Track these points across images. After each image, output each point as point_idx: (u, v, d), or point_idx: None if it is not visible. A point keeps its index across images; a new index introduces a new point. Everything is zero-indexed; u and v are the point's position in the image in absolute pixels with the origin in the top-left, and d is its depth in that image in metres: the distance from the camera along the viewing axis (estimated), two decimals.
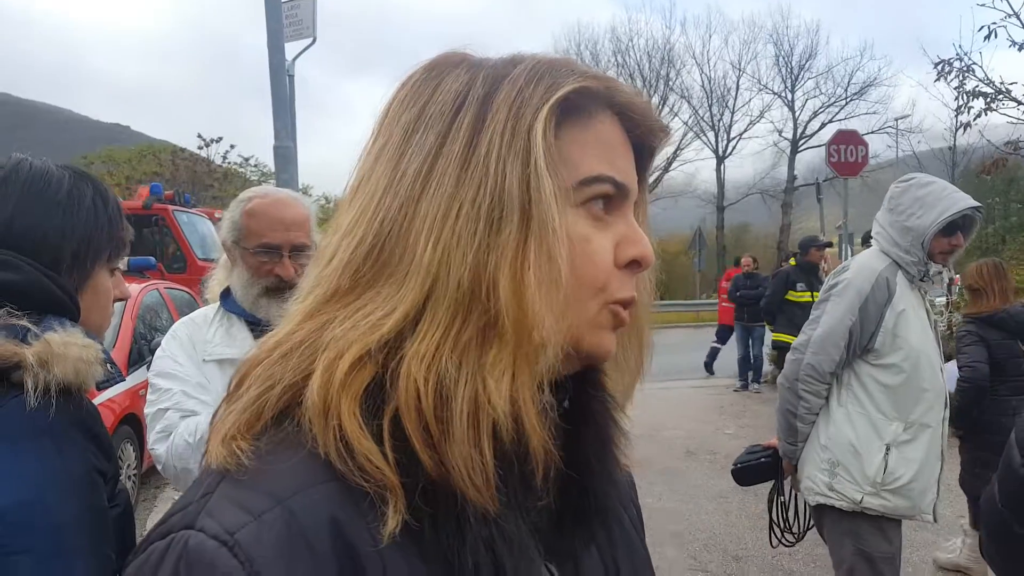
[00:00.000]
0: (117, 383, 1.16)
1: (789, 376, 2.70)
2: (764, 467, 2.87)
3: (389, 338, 0.56)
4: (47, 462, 0.96)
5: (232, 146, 29.68)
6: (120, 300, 1.32)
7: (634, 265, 0.64)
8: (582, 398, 0.69)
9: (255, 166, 29.08)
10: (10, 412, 0.96)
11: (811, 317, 2.73)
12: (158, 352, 1.89)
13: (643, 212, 0.71)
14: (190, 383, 1.79)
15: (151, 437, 1.79)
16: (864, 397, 2.61)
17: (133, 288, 6.75)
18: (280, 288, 1.78)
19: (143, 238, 12.08)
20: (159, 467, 1.80)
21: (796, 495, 2.93)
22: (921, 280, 2.67)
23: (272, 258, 1.80)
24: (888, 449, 2.56)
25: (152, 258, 9.22)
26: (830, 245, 8.53)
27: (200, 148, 27.96)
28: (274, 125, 6.99)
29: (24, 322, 1.02)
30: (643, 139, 0.68)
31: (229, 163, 28.65)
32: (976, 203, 2.60)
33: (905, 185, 2.70)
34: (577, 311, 0.61)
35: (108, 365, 1.11)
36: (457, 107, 0.59)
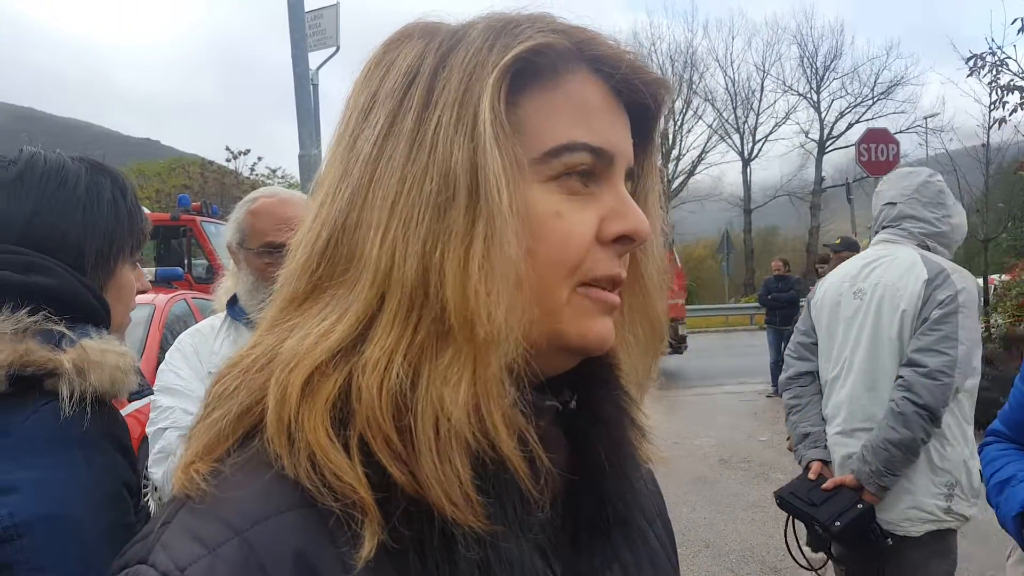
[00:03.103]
0: (147, 395, 1.11)
1: (934, 404, 2.31)
2: (864, 515, 2.44)
3: (343, 346, 0.51)
4: (77, 474, 0.91)
5: (260, 158, 30.00)
6: (141, 292, 1.28)
7: (624, 240, 0.56)
8: (591, 397, 0.62)
9: (282, 177, 29.39)
10: (42, 420, 0.91)
11: (942, 333, 2.35)
12: (162, 365, 1.83)
13: (652, 181, 0.63)
14: (192, 398, 1.72)
15: (150, 458, 1.72)
16: (957, 407, 2.43)
17: (160, 299, 6.79)
18: None
19: (171, 249, 12.24)
20: (157, 491, 1.73)
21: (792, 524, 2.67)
22: None
23: (276, 259, 1.72)
24: (974, 455, 2.42)
25: (180, 268, 9.30)
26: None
27: (228, 160, 28.38)
28: (299, 133, 7.03)
29: (61, 327, 0.98)
30: (638, 97, 0.59)
31: (257, 175, 29.02)
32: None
33: (942, 180, 2.57)
34: (544, 298, 0.54)
35: (142, 379, 1.07)
36: (409, 81, 0.54)
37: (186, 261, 11.73)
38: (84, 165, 1.17)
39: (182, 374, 1.77)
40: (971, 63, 9.83)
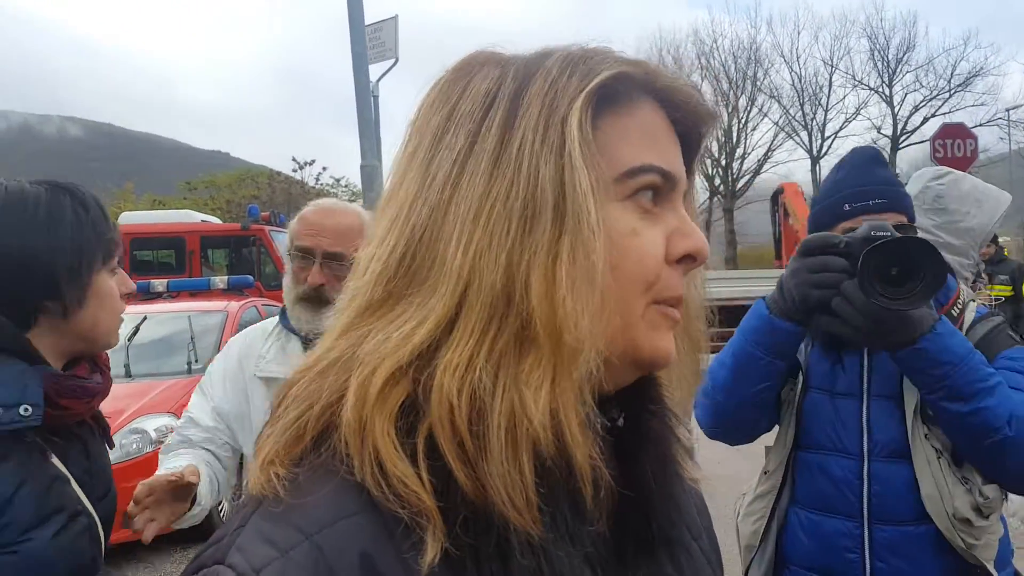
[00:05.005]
0: (17, 426, 1.15)
1: None
2: None
3: (421, 349, 0.53)
4: None
5: (324, 168, 30.85)
6: (127, 295, 1.34)
7: (688, 260, 0.60)
8: (638, 414, 0.64)
9: (345, 187, 30.10)
10: None
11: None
12: (213, 360, 1.96)
13: (691, 205, 0.66)
14: (208, 407, 1.84)
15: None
16: None
17: (233, 306, 7.04)
18: (311, 297, 1.76)
19: (242, 257, 12.70)
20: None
21: None
22: (971, 285, 2.42)
23: (306, 263, 1.78)
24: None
25: (251, 276, 9.63)
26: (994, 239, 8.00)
27: (294, 171, 29.26)
28: (360, 145, 7.19)
29: None
30: (689, 126, 0.63)
31: (322, 184, 29.79)
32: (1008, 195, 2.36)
33: (947, 181, 2.37)
34: (622, 312, 0.57)
35: (23, 408, 1.13)
36: (488, 104, 0.57)
37: (256, 269, 12.13)
38: (43, 187, 1.24)
39: (214, 377, 1.88)
40: None
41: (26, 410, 1.14)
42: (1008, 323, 2.06)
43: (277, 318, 1.91)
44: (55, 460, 1.23)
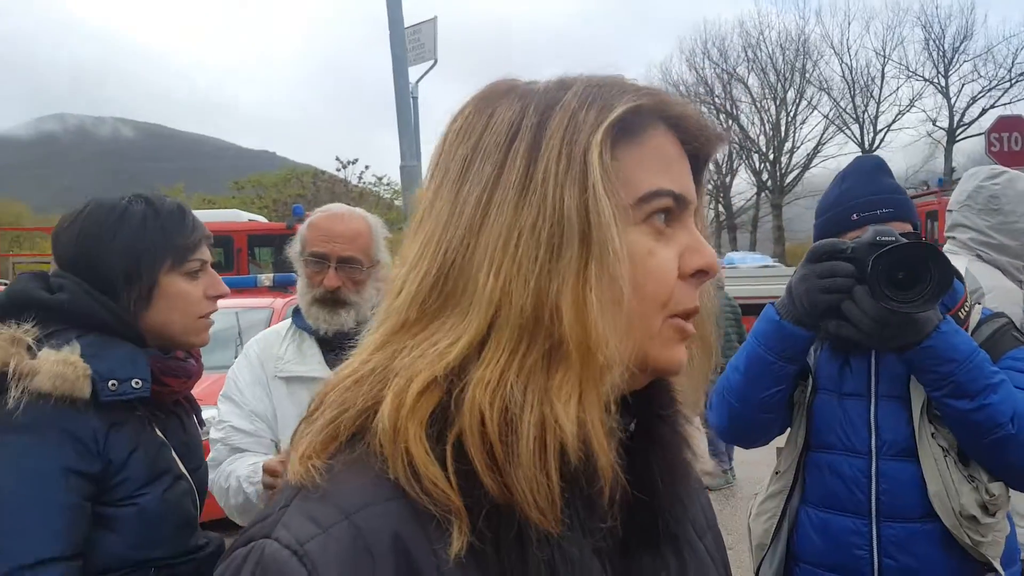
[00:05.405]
0: (129, 396, 1.27)
1: None
2: None
3: (455, 366, 0.58)
4: (4, 452, 1.15)
5: (367, 167, 31.21)
6: (219, 297, 1.44)
7: (700, 275, 0.64)
8: (649, 417, 0.68)
9: (388, 184, 30.40)
10: None
11: None
12: (231, 368, 1.98)
13: (701, 220, 0.70)
14: (244, 411, 1.88)
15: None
16: None
17: (278, 302, 7.22)
18: (327, 300, 1.83)
19: (287, 255, 12.93)
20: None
21: None
22: None
23: (320, 268, 1.86)
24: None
25: (295, 274, 9.81)
26: None
27: (338, 170, 29.66)
28: (400, 145, 7.28)
29: (26, 337, 1.20)
30: (699, 149, 0.67)
31: (364, 183, 30.15)
32: None
33: (1002, 180, 2.30)
34: (642, 328, 0.61)
35: (111, 383, 1.24)
36: (511, 136, 0.61)
37: None
38: (127, 198, 1.35)
39: (240, 383, 1.92)
40: None
41: (137, 383, 1.27)
42: None
43: (290, 320, 1.98)
44: (158, 431, 1.37)
